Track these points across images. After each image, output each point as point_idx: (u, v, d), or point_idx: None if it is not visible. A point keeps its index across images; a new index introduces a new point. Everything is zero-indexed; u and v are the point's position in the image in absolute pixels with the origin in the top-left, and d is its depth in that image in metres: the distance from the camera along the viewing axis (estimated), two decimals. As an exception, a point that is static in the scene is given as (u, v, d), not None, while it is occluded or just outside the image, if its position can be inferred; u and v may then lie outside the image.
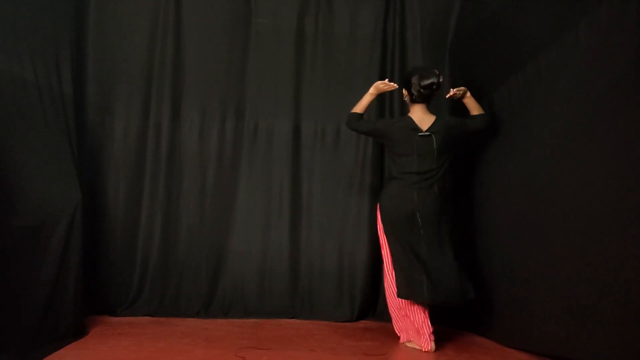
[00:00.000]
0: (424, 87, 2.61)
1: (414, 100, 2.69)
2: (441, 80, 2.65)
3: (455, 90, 2.71)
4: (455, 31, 3.37)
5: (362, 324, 3.17)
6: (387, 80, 2.84)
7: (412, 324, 2.60)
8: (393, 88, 2.81)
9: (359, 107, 2.83)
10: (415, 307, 2.58)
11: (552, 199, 2.14)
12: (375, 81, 2.92)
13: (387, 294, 2.76)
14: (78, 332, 2.54)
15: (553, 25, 2.17)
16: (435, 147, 2.59)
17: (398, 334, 2.72)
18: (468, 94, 2.74)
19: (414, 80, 2.64)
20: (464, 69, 3.21)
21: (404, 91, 2.77)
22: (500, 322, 2.58)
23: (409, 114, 2.73)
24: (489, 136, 2.79)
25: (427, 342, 2.50)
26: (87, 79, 3.25)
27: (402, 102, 3.04)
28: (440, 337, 2.61)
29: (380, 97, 3.13)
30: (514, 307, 2.44)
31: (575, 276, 1.95)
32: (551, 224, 2.14)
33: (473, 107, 2.74)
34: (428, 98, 2.69)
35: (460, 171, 3.17)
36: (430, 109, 2.73)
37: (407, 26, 3.48)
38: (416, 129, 2.63)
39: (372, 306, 3.31)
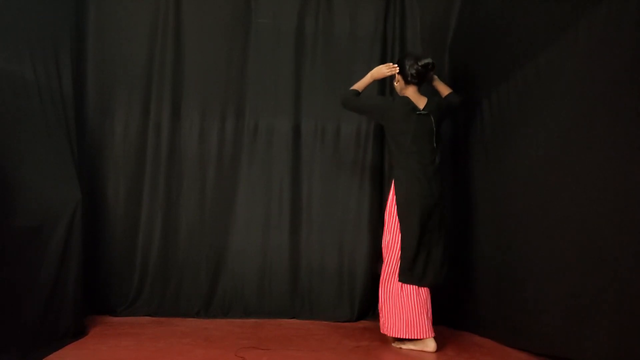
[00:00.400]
0: (422, 65, 2.68)
1: (408, 82, 2.73)
2: (435, 63, 2.73)
3: None
4: (455, 30, 3.37)
5: (362, 324, 3.17)
6: (390, 64, 2.84)
7: (408, 316, 2.52)
8: (396, 70, 2.78)
9: (357, 86, 2.85)
10: (414, 297, 2.54)
11: (552, 199, 2.14)
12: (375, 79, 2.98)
13: (382, 282, 2.64)
14: (78, 332, 2.54)
15: (552, 25, 2.17)
16: (433, 125, 2.66)
17: (387, 332, 2.59)
18: (435, 76, 2.89)
19: (410, 62, 2.71)
20: (463, 68, 3.21)
21: (397, 76, 2.79)
22: (501, 322, 2.58)
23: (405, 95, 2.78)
24: (489, 134, 2.80)
25: (428, 332, 2.47)
26: (87, 79, 3.26)
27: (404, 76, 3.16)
28: (441, 337, 2.61)
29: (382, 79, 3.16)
30: (514, 307, 2.43)
31: (576, 276, 1.94)
32: (551, 224, 2.14)
33: (443, 88, 2.88)
34: (423, 79, 2.74)
35: (459, 169, 3.17)
36: (421, 91, 2.78)
37: (407, 26, 3.48)
38: (415, 107, 2.67)
39: (372, 306, 3.31)
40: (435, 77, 2.89)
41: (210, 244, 3.30)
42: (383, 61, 3.45)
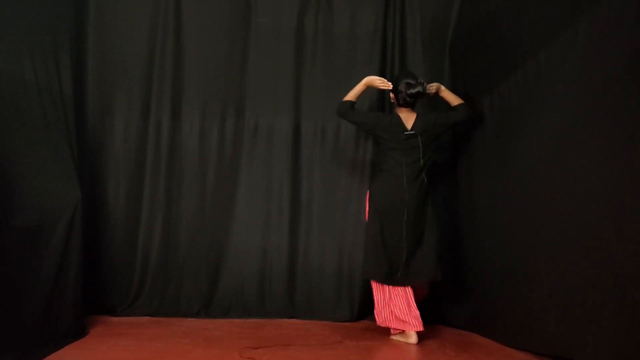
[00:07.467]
0: (410, 95, 2.78)
1: (400, 105, 2.86)
2: (425, 88, 2.80)
3: (428, 86, 2.87)
4: (455, 29, 3.36)
5: (362, 324, 3.17)
6: (384, 80, 2.92)
7: (392, 312, 2.72)
8: (387, 87, 2.89)
9: (351, 96, 2.92)
10: (394, 294, 2.73)
11: (553, 198, 2.13)
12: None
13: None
14: (78, 332, 2.54)
15: (552, 23, 2.17)
16: (419, 144, 2.77)
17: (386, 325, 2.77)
18: (442, 87, 2.95)
19: (401, 87, 2.80)
20: (464, 66, 3.20)
21: (391, 94, 2.91)
22: (501, 322, 2.58)
23: (397, 112, 2.89)
24: (489, 133, 2.79)
25: (411, 325, 2.62)
26: (87, 79, 3.26)
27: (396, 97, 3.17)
28: (441, 337, 2.61)
29: (382, 90, 3.20)
30: (514, 306, 2.43)
31: (576, 276, 1.94)
32: (551, 223, 2.13)
33: (451, 99, 2.93)
34: (413, 104, 2.86)
35: (460, 170, 3.16)
36: (414, 109, 2.89)
37: (407, 24, 3.47)
38: (403, 128, 2.80)
39: (371, 306, 3.30)
40: (443, 87, 2.95)
41: (210, 244, 3.30)
42: (383, 60, 3.45)
